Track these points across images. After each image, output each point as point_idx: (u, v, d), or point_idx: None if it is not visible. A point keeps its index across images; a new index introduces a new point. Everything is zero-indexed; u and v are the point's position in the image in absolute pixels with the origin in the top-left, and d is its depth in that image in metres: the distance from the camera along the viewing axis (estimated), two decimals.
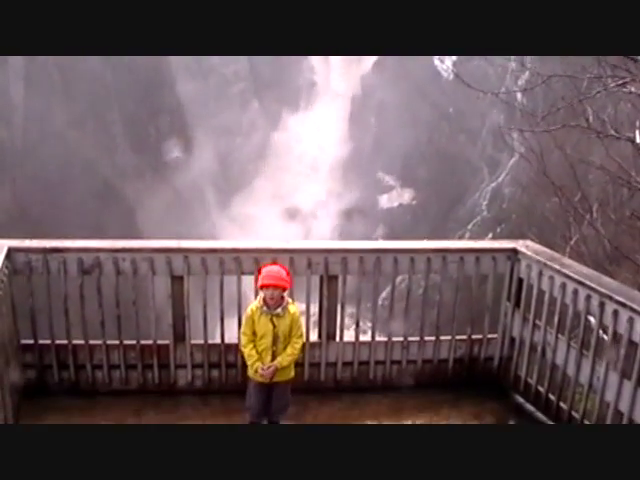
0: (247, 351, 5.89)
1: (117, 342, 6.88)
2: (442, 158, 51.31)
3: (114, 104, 45.48)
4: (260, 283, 5.81)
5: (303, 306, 7.00)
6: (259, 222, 49.45)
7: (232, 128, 54.32)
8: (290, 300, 5.93)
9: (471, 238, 38.93)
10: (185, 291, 6.80)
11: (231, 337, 6.81)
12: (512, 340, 7.42)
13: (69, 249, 6.70)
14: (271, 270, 5.88)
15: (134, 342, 6.92)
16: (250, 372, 5.95)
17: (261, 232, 44.47)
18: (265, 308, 5.80)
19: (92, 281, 6.68)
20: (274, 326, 5.79)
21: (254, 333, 5.86)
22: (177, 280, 6.80)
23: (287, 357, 5.86)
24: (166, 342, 6.97)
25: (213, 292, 6.78)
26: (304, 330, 6.35)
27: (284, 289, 5.84)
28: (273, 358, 5.82)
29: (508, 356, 7.47)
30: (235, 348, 6.74)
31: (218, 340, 7.02)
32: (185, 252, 6.81)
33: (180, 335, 6.95)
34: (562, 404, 6.72)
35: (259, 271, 6.06)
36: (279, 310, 5.79)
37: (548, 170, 14.43)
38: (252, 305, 5.91)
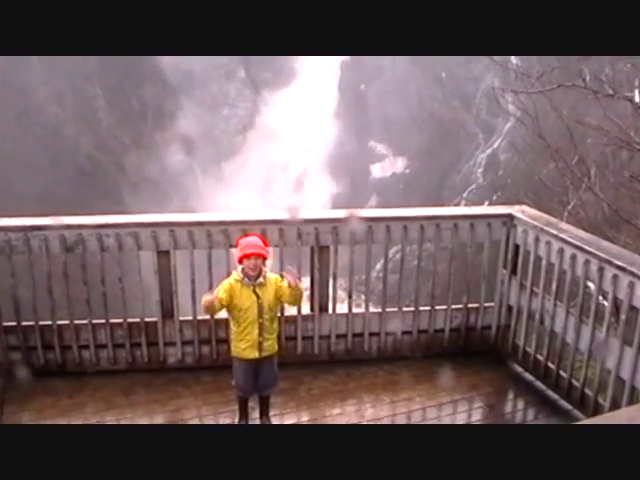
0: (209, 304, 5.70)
1: (103, 321, 6.86)
2: (435, 125, 51.15)
3: (95, 77, 45.04)
4: (241, 254, 5.76)
5: None
6: (248, 194, 49.35)
7: (218, 98, 53.93)
8: (267, 269, 5.91)
9: (467, 206, 38.95)
10: (172, 266, 6.78)
11: (221, 312, 6.79)
12: (509, 308, 7.43)
13: (51, 226, 6.64)
14: (250, 240, 5.85)
15: (121, 320, 6.90)
16: (233, 350, 5.92)
17: (251, 204, 44.42)
18: (246, 280, 5.77)
19: (76, 259, 6.63)
20: (258, 297, 5.77)
21: (236, 308, 5.80)
22: (163, 255, 6.77)
23: (292, 296, 5.78)
24: (154, 319, 6.96)
25: (201, 266, 6.75)
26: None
27: (265, 258, 5.82)
28: (260, 331, 5.81)
29: (505, 324, 7.49)
30: (225, 323, 6.73)
31: (208, 315, 7.00)
32: (171, 226, 6.76)
33: (168, 311, 6.94)
34: (562, 372, 6.75)
35: (236, 244, 6.04)
36: (261, 279, 5.77)
37: (544, 133, 14.36)
38: (229, 279, 5.84)
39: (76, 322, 6.86)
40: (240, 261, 5.81)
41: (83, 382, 6.77)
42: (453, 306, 7.46)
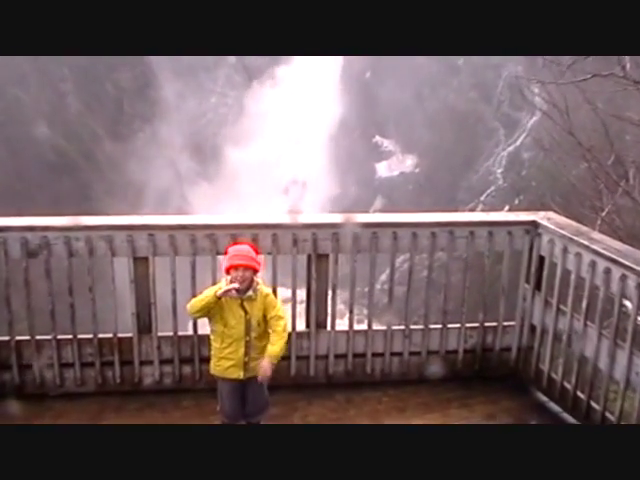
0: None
1: (70, 336, 6.87)
2: (450, 118, 51.22)
3: (63, 56, 45.04)
4: (228, 264, 5.79)
5: (288, 292, 7.01)
6: (238, 195, 49.39)
7: (206, 85, 54.01)
8: (260, 281, 5.94)
9: (484, 211, 38.99)
10: (150, 275, 6.79)
11: (205, 327, 6.81)
12: (532, 328, 7.46)
13: (10, 228, 6.66)
14: (240, 249, 5.87)
15: (90, 336, 6.91)
16: (213, 368, 5.94)
17: (241, 207, 44.44)
18: (234, 292, 5.80)
19: (39, 265, 6.65)
20: (245, 312, 5.79)
21: (220, 322, 5.82)
22: (141, 262, 6.79)
23: (277, 344, 5.81)
24: (129, 335, 6.97)
25: (183, 275, 6.78)
26: (286, 315, 6.35)
27: (255, 270, 5.83)
28: (247, 351, 5.83)
29: (528, 346, 7.51)
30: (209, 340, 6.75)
31: (190, 331, 7.02)
32: (150, 229, 6.79)
33: (145, 326, 6.96)
34: (593, 404, 6.70)
35: (225, 252, 6.07)
36: (250, 292, 5.79)
37: (575, 129, 14.36)
38: (216, 287, 5.87)
39: (38, 337, 6.86)
40: (227, 271, 5.84)
41: (44, 407, 6.75)
42: (468, 324, 7.48)
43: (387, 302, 7.23)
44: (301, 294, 7.08)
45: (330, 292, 7.11)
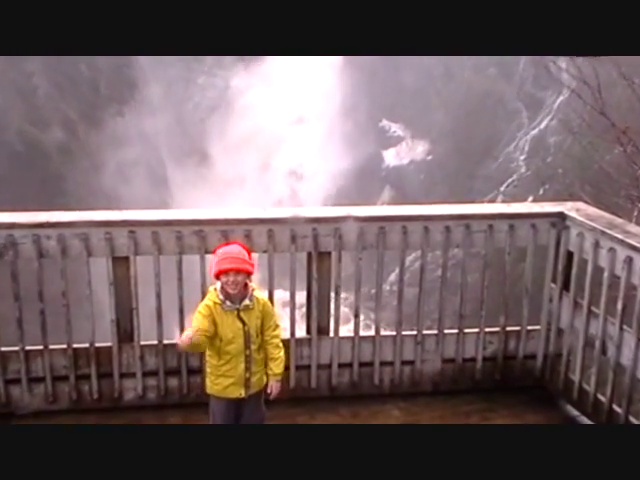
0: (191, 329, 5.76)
1: (40, 347, 6.89)
2: (466, 99, 51.15)
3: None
4: (217, 269, 5.76)
5: (286, 295, 7.03)
6: (229, 187, 49.36)
7: (192, 64, 53.96)
8: (254, 286, 5.95)
9: (505, 202, 38.96)
10: (132, 276, 6.82)
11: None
12: (560, 333, 7.48)
13: None
14: (230, 251, 5.85)
15: (64, 346, 6.93)
16: (210, 387, 5.95)
17: (231, 200, 44.38)
18: (229, 303, 5.78)
19: (4, 267, 6.66)
20: (243, 323, 5.80)
21: (215, 337, 5.82)
22: (121, 262, 6.81)
23: (279, 359, 5.87)
24: (107, 344, 6.99)
25: (169, 277, 6.79)
26: (284, 320, 6.40)
27: (248, 274, 5.83)
28: (247, 366, 5.84)
29: (555, 353, 7.54)
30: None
31: (176, 339, 7.03)
32: (130, 225, 6.81)
33: (126, 334, 6.99)
34: (632, 418, 6.70)
35: (213, 252, 6.08)
36: (247, 301, 5.79)
37: (608, 109, 14.29)
38: (206, 301, 5.86)
39: (3, 349, 6.87)
40: (217, 277, 5.84)
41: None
42: (487, 329, 7.51)
43: (396, 305, 7.26)
44: (300, 297, 7.10)
45: (333, 294, 7.15)
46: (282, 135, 56.31)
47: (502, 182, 46.64)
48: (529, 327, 7.58)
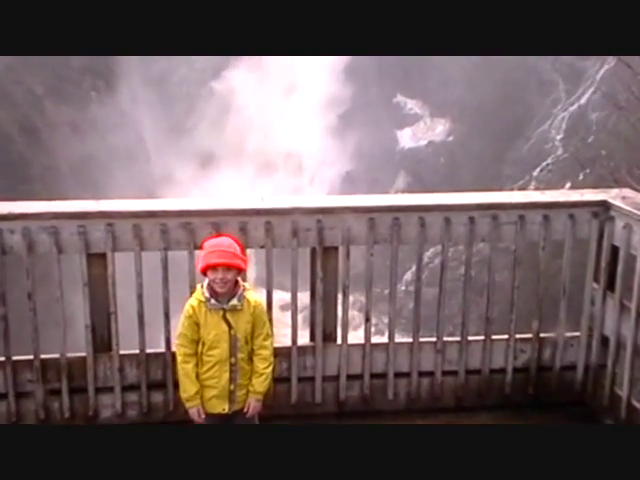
0: (184, 373, 5.94)
1: (2, 358, 6.90)
2: (493, 70, 51.05)
3: None
4: (204, 264, 5.82)
5: (287, 297, 7.03)
6: (220, 175, 49.38)
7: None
8: (247, 285, 5.97)
9: (539, 189, 38.91)
10: (109, 276, 6.84)
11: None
12: (604, 340, 7.49)
13: None
14: (219, 243, 5.89)
15: (30, 357, 6.94)
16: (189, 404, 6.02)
17: (226, 187, 44.44)
18: (213, 301, 5.81)
19: None
20: (230, 326, 5.81)
21: (198, 341, 5.88)
22: (97, 260, 6.83)
23: (264, 375, 5.92)
24: (81, 354, 7.01)
25: (153, 276, 6.80)
26: (284, 329, 6.42)
27: (239, 270, 5.86)
28: (232, 376, 5.86)
29: (598, 364, 7.55)
30: None
31: (161, 347, 7.07)
32: (108, 217, 6.83)
33: (103, 342, 7.00)
34: None
35: (201, 247, 6.10)
36: (235, 301, 5.82)
37: None
38: (191, 300, 5.92)
39: None
40: (203, 273, 5.87)
41: None
42: (518, 335, 7.51)
43: (413, 307, 7.27)
44: (303, 298, 7.11)
45: (340, 295, 7.16)
46: (279, 111, 56.18)
47: (535, 166, 46.60)
48: (567, 334, 7.58)
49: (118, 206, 7.07)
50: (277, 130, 55.64)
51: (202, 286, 5.90)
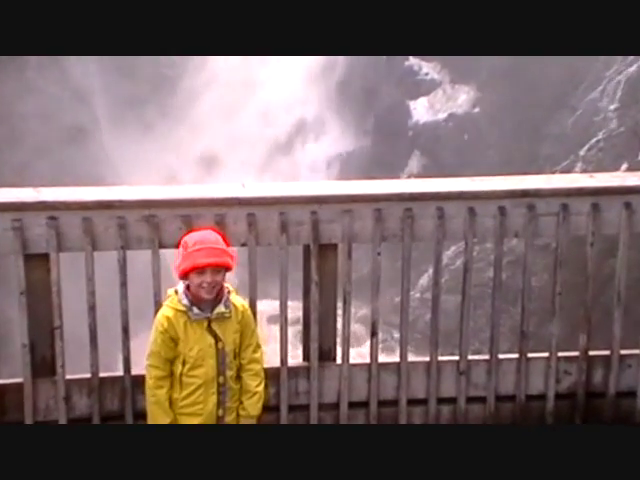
0: (155, 400, 5.99)
1: None
2: None
3: None
4: (190, 264, 5.82)
5: (275, 306, 7.05)
6: (196, 156, 49.35)
7: None
8: (230, 287, 6.00)
9: (586, 172, 38.89)
10: (53, 282, 6.86)
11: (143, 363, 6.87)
12: None
13: None
14: (205, 239, 5.91)
15: None
16: None
17: (202, 172, 44.41)
18: (196, 310, 5.83)
19: None
20: (216, 339, 5.84)
21: (173, 361, 5.90)
22: (37, 262, 6.86)
23: (257, 395, 5.98)
24: (17, 380, 7.03)
25: (107, 282, 6.81)
26: (271, 346, 6.45)
27: (227, 269, 5.91)
28: (221, 399, 5.89)
29: None
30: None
31: (119, 370, 7.09)
32: (52, 209, 6.83)
33: (45, 365, 7.01)
34: None
35: (178, 244, 6.12)
36: (222, 308, 5.84)
37: None
38: (164, 311, 5.92)
39: None
40: (184, 276, 5.87)
41: None
42: (561, 353, 7.55)
43: (430, 319, 7.29)
44: (295, 309, 7.14)
45: (341, 304, 7.17)
46: (267, 76, 56.15)
47: (582, 144, 46.50)
48: (623, 351, 7.61)
49: (64, 195, 7.05)
50: (270, 99, 55.58)
51: (176, 292, 5.90)
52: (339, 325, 7.23)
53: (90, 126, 49.08)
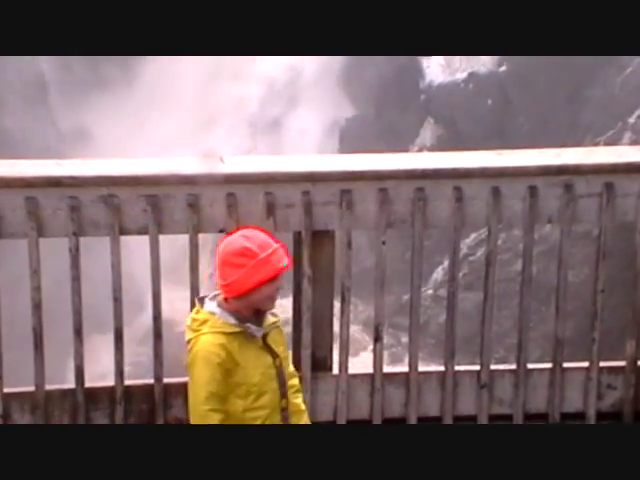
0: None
1: None
2: None
3: None
4: (272, 270, 5.65)
5: None
6: (165, 130, 49.45)
7: None
8: None
9: (637, 143, 38.97)
10: None
11: (105, 372, 6.86)
12: None
13: None
14: (261, 237, 5.75)
15: None
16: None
17: (169, 151, 44.57)
18: (254, 327, 5.78)
19: None
20: (273, 355, 5.82)
21: (227, 399, 5.86)
22: None
23: (305, 413, 6.03)
24: None
25: (58, 276, 6.80)
26: None
27: None
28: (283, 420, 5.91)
29: None
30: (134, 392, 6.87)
31: (70, 382, 7.07)
32: None
33: None
34: None
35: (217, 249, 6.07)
36: (270, 317, 5.79)
37: None
38: (209, 338, 5.78)
39: None
40: (251, 290, 5.76)
41: None
42: (603, 363, 7.55)
43: (445, 321, 7.28)
44: (284, 308, 7.12)
45: (338, 303, 7.16)
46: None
47: (631, 109, 46.59)
48: None
49: (4, 171, 7.05)
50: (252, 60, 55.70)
51: (213, 313, 5.79)
52: (336, 328, 7.23)
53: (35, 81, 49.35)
